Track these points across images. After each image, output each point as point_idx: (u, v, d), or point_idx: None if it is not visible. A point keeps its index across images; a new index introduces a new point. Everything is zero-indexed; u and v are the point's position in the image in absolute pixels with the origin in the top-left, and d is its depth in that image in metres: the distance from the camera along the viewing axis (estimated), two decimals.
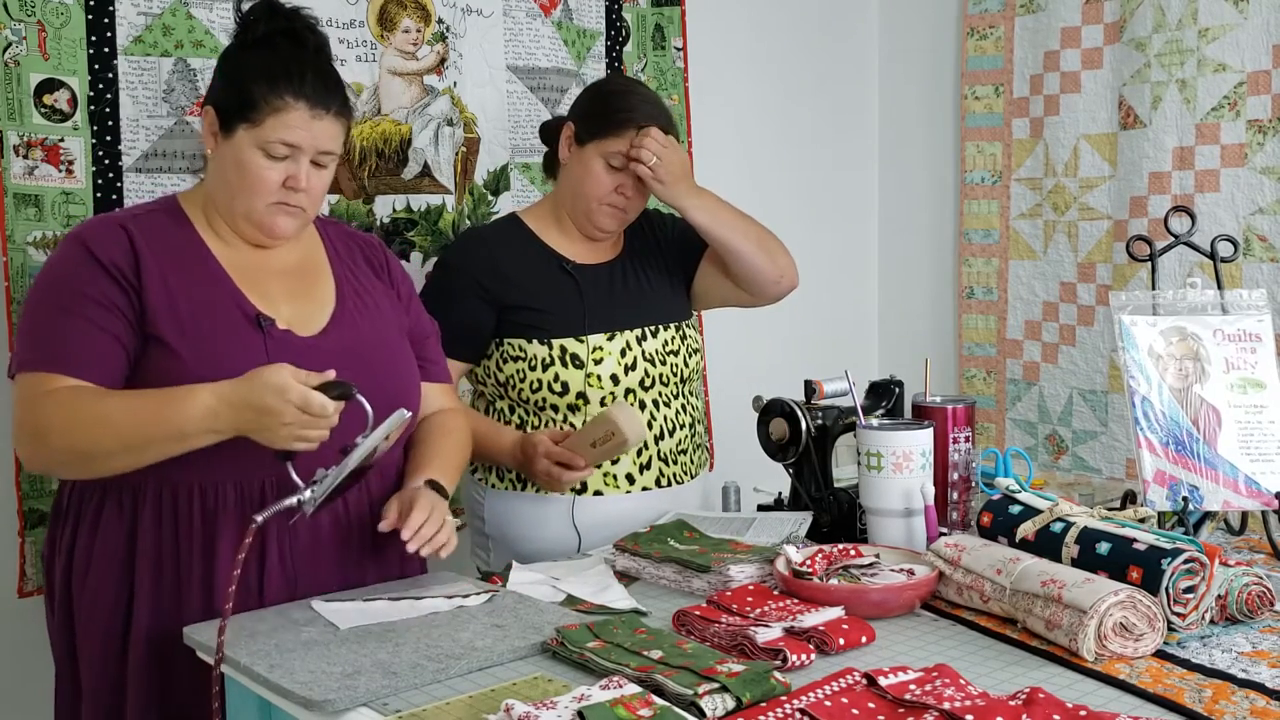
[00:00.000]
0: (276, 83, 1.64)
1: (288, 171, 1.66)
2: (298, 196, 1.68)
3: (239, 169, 1.66)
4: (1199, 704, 1.22)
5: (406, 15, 2.57)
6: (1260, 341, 1.80)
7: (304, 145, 1.65)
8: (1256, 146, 2.75)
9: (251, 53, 1.68)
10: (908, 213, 3.53)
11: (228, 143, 1.67)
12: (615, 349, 2.11)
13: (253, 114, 1.64)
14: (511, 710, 1.18)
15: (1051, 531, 1.55)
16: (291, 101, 1.64)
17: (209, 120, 1.69)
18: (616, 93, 2.19)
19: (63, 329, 1.59)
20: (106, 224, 1.67)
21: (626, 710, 1.17)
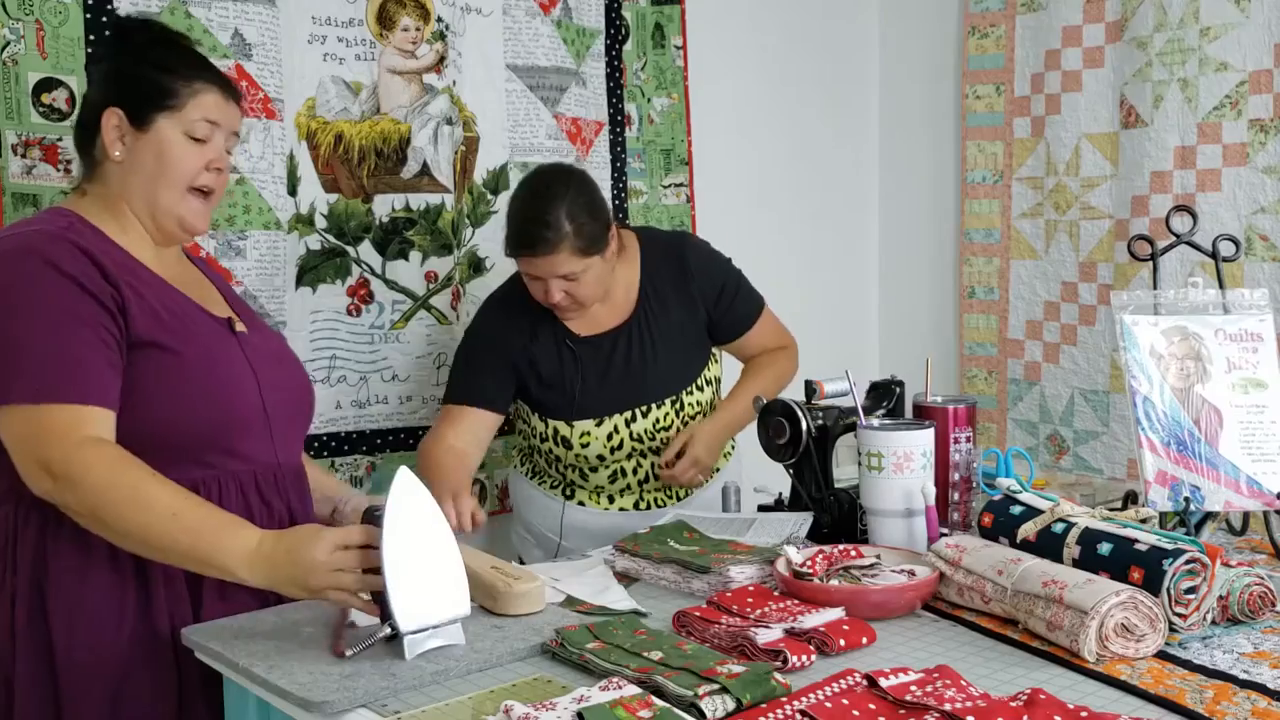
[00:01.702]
0: (189, 71, 1.69)
1: (210, 154, 1.69)
2: (218, 179, 1.71)
3: (161, 157, 1.67)
4: (1200, 705, 1.21)
5: (406, 14, 2.57)
6: (1262, 341, 1.80)
7: (223, 124, 1.70)
8: (1258, 146, 2.75)
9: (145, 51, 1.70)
10: (908, 213, 3.52)
11: (146, 137, 1.66)
12: (602, 434, 2.22)
13: (172, 100, 1.66)
14: (511, 711, 1.18)
15: (1053, 532, 1.54)
16: (206, 85, 1.69)
17: (115, 121, 1.66)
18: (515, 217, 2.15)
19: (66, 354, 1.52)
20: (61, 243, 1.57)
21: (626, 711, 1.17)
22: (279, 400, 1.73)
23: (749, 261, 3.26)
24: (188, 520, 1.47)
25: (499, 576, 1.53)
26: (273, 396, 1.71)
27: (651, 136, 3.01)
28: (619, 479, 2.28)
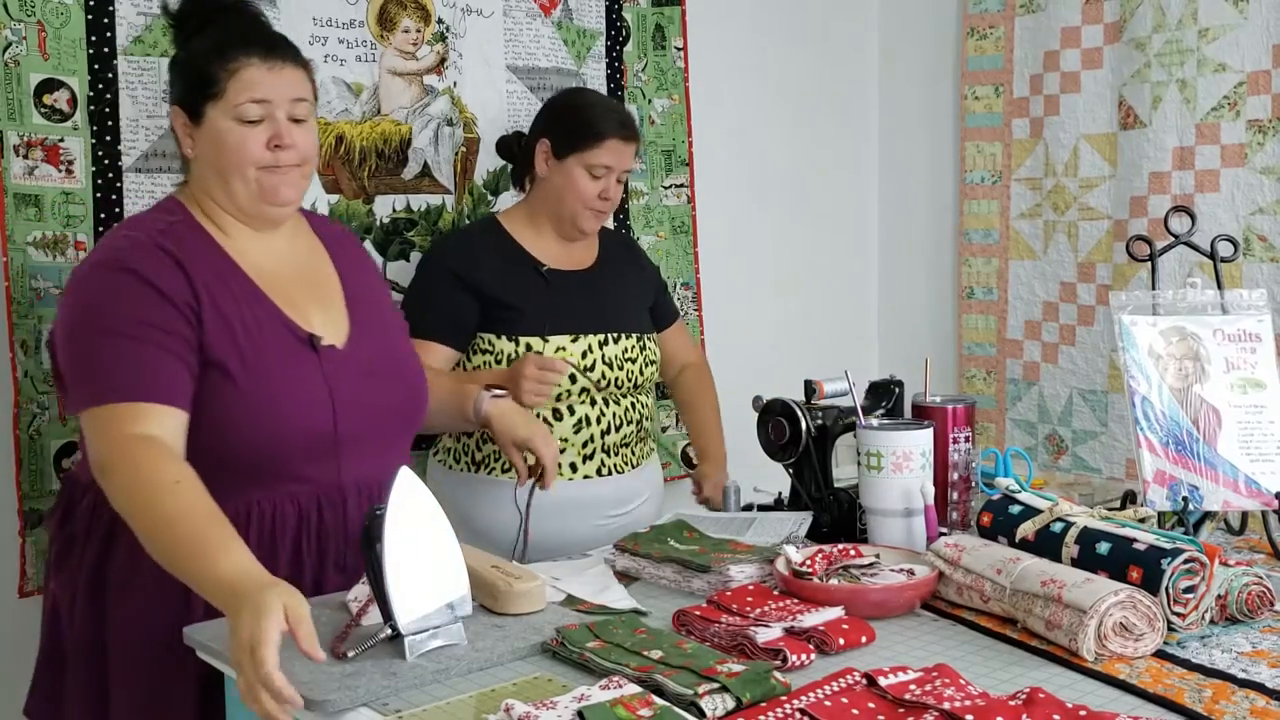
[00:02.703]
0: (224, 50, 1.63)
1: (268, 133, 1.64)
2: (286, 155, 1.65)
3: (220, 147, 1.64)
4: (1199, 704, 1.22)
5: (406, 15, 2.57)
6: (1260, 341, 1.80)
7: (272, 98, 1.63)
8: (1256, 146, 2.75)
9: (194, 39, 1.67)
10: (908, 213, 3.53)
11: (202, 130, 1.65)
12: (577, 350, 2.24)
13: (213, 88, 1.62)
14: (511, 710, 1.18)
15: (1051, 531, 1.54)
16: (245, 60, 1.62)
17: (179, 121, 1.67)
18: (587, 106, 2.32)
19: (133, 356, 1.53)
20: (145, 249, 1.60)
21: (626, 710, 1.17)
22: (360, 418, 1.67)
23: (749, 261, 3.28)
24: (182, 530, 1.40)
25: (499, 576, 1.54)
26: (353, 415, 1.65)
27: (652, 137, 3.02)
28: (584, 428, 2.24)
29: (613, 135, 2.25)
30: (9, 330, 2.15)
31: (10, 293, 2.15)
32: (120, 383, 1.52)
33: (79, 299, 1.60)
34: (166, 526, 1.41)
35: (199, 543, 1.38)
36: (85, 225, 2.22)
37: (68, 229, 2.20)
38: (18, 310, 2.16)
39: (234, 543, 1.38)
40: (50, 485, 2.20)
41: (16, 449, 2.17)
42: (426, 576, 1.39)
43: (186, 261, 1.60)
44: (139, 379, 1.52)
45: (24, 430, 2.17)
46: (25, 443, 2.18)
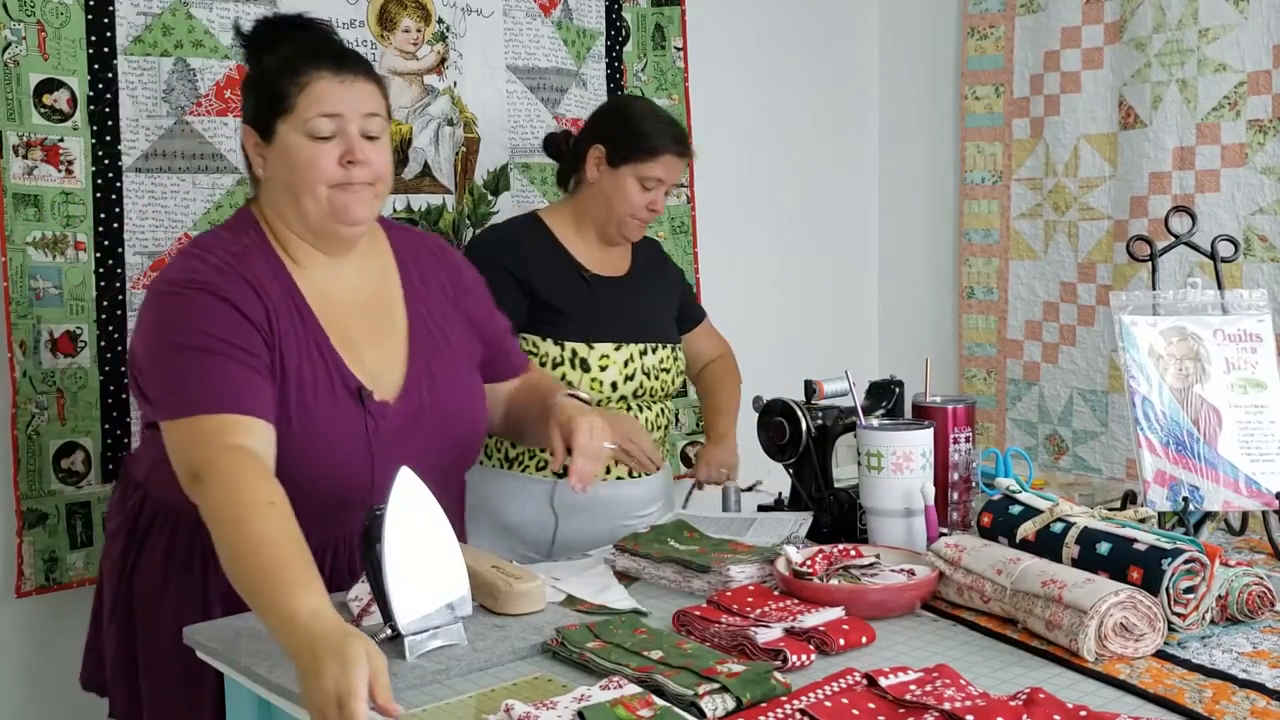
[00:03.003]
0: (295, 65, 1.58)
1: (340, 148, 1.58)
2: (359, 172, 1.59)
3: (291, 164, 1.58)
4: (1199, 704, 1.21)
5: (407, 15, 2.57)
6: (1260, 341, 1.80)
7: (344, 111, 1.58)
8: (1257, 146, 2.75)
9: (265, 58, 1.64)
10: (908, 213, 3.53)
11: (273, 147, 1.60)
12: (620, 359, 2.26)
13: (284, 103, 1.57)
14: (511, 710, 1.18)
15: (1052, 532, 1.54)
16: (315, 74, 1.58)
17: (250, 140, 1.63)
18: (644, 117, 2.32)
19: (222, 371, 1.51)
20: (231, 278, 1.57)
21: (626, 710, 1.17)
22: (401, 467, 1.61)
23: (748, 261, 3.28)
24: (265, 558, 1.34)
25: (500, 576, 1.54)
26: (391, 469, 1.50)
27: None
28: None
29: (668, 150, 2.27)
30: (8, 330, 2.15)
31: (9, 293, 2.15)
32: (212, 396, 1.49)
33: (163, 317, 1.57)
34: (251, 550, 1.35)
35: (279, 573, 1.32)
36: (85, 225, 2.21)
37: (67, 229, 2.20)
38: (16, 310, 2.15)
39: (314, 581, 1.31)
40: (49, 485, 2.20)
41: (15, 449, 2.17)
42: (426, 576, 1.39)
43: (262, 290, 1.58)
44: (231, 392, 1.50)
45: (22, 430, 2.17)
46: (23, 443, 2.18)
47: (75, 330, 2.22)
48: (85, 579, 2.25)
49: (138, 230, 2.27)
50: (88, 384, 2.23)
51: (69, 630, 2.29)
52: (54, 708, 2.30)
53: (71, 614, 2.29)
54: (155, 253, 2.28)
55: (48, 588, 2.22)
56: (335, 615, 1.26)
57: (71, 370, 2.22)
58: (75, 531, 2.23)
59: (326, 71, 1.58)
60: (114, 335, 2.25)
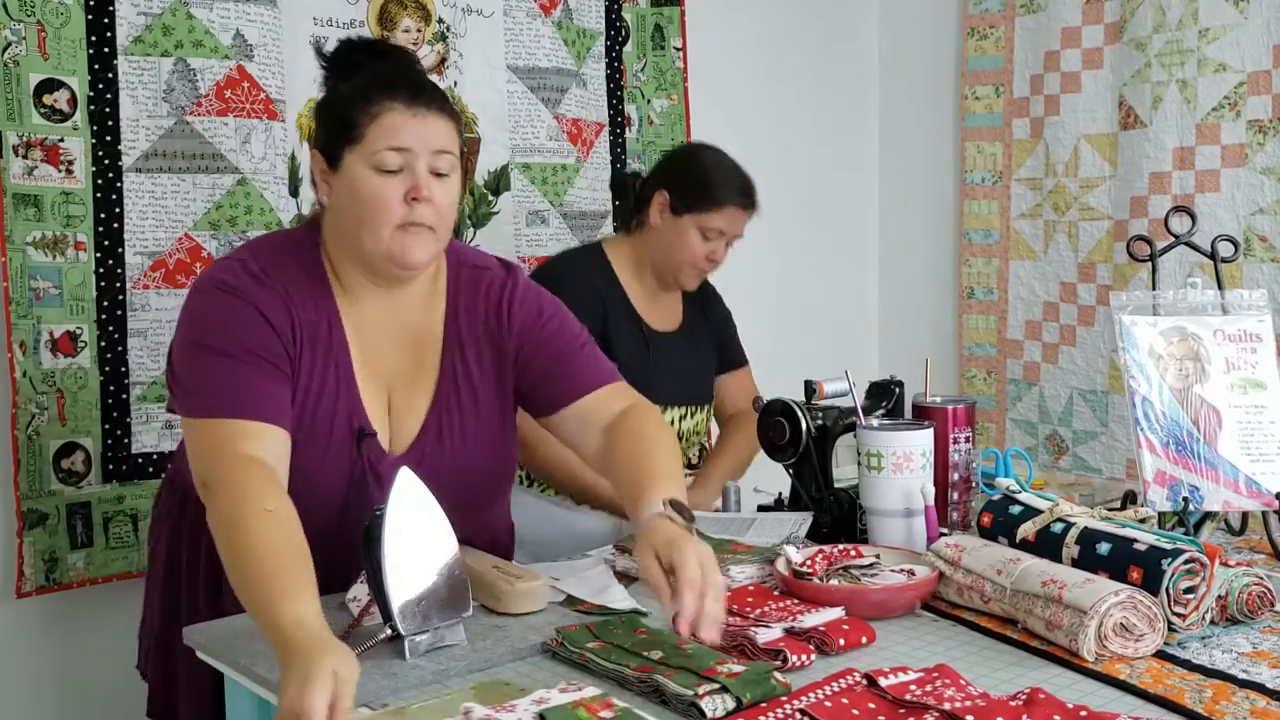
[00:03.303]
0: (368, 94, 1.53)
1: (406, 184, 1.52)
2: (423, 212, 1.53)
3: (355, 196, 1.53)
4: (1199, 704, 1.21)
5: (407, 15, 2.57)
6: (1260, 342, 1.80)
7: (414, 146, 1.52)
8: (1257, 146, 2.75)
9: (341, 85, 1.59)
10: (908, 213, 3.53)
11: (339, 176, 1.55)
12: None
13: (353, 132, 1.52)
14: (470, 714, 1.18)
15: (1052, 532, 1.54)
16: (387, 104, 1.52)
17: (317, 165, 1.59)
18: (711, 168, 2.31)
19: (243, 376, 1.51)
20: (270, 291, 1.56)
21: (587, 712, 1.17)
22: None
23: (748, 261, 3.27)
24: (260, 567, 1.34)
25: (501, 576, 1.54)
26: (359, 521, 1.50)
27: (652, 137, 3.02)
28: None
29: (733, 202, 2.26)
30: (8, 330, 2.15)
31: (9, 293, 2.15)
32: (230, 401, 1.50)
33: (194, 317, 1.57)
34: (246, 557, 1.36)
35: (270, 581, 1.32)
36: (85, 225, 2.21)
37: (67, 229, 2.20)
38: (16, 310, 2.16)
39: (303, 590, 1.30)
40: (49, 485, 2.20)
41: (15, 449, 2.17)
42: (426, 576, 1.39)
43: (295, 306, 1.57)
44: (248, 398, 1.50)
45: (22, 430, 2.17)
46: (24, 443, 2.18)
47: (75, 330, 2.22)
48: (85, 579, 2.25)
49: (138, 230, 2.27)
50: (88, 384, 2.23)
51: (69, 631, 2.30)
52: (55, 708, 2.30)
53: (72, 614, 2.29)
54: (155, 253, 2.28)
55: (48, 588, 2.22)
56: (317, 626, 1.26)
57: (71, 370, 2.22)
58: (75, 532, 2.23)
59: (399, 103, 1.53)
60: (114, 335, 2.25)
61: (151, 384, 2.28)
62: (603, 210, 2.92)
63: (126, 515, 2.28)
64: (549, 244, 2.82)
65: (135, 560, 2.28)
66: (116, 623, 2.29)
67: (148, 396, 2.28)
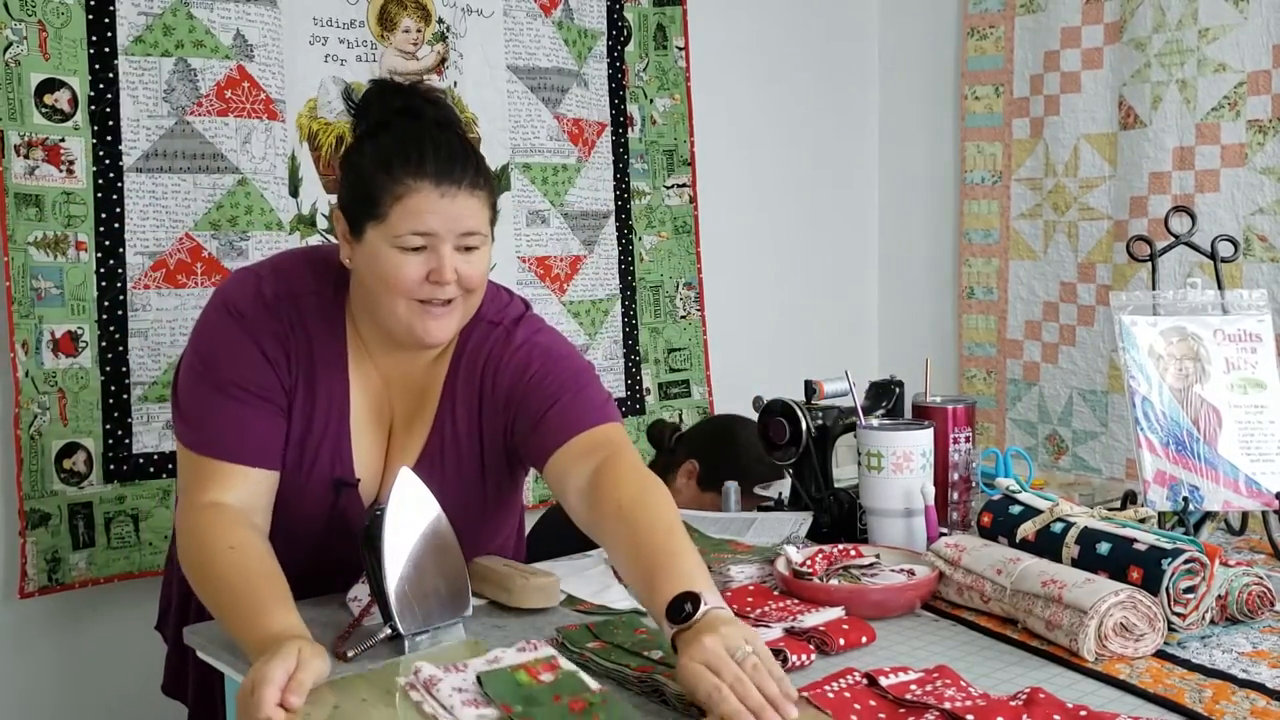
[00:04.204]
0: (392, 168, 1.45)
1: (428, 265, 1.46)
2: (444, 290, 1.48)
3: (375, 272, 1.48)
4: (1199, 704, 1.22)
5: (407, 15, 2.57)
6: (1260, 341, 1.80)
7: (439, 230, 1.45)
8: (1257, 146, 2.75)
9: (368, 143, 1.51)
10: (908, 213, 3.53)
11: (360, 246, 1.49)
12: None
13: (376, 209, 1.46)
14: (419, 673, 1.22)
15: (1052, 532, 1.54)
16: (413, 184, 1.44)
17: (340, 226, 1.53)
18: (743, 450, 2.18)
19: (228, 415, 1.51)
20: (277, 321, 1.54)
21: (528, 675, 1.20)
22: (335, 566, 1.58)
23: (750, 261, 3.28)
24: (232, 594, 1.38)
25: (514, 571, 1.54)
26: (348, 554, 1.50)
27: (654, 137, 3.02)
28: None
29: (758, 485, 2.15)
30: (10, 330, 2.15)
31: (11, 293, 2.15)
32: (211, 439, 1.51)
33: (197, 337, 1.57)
34: (218, 590, 1.39)
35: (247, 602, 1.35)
36: (86, 225, 2.22)
37: (68, 229, 2.20)
38: (18, 310, 2.16)
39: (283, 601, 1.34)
40: (51, 485, 2.20)
41: (17, 449, 2.17)
42: (426, 576, 1.39)
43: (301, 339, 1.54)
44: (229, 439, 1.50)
45: (25, 430, 2.17)
46: (26, 443, 2.18)
47: (76, 330, 2.22)
48: (87, 579, 2.25)
49: (138, 230, 2.27)
50: (89, 384, 2.24)
51: (72, 631, 2.30)
52: (57, 708, 2.31)
53: (74, 615, 2.29)
54: (156, 253, 2.28)
55: (50, 588, 2.22)
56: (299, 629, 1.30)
57: (73, 370, 2.22)
58: (77, 532, 2.23)
59: (426, 182, 1.45)
60: (115, 335, 2.25)
61: (152, 384, 2.28)
62: (604, 210, 2.92)
63: (128, 515, 2.28)
64: (549, 244, 2.82)
65: (137, 560, 2.29)
66: (119, 623, 2.29)
67: (149, 396, 2.28)
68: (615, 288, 2.95)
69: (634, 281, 2.99)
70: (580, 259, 2.87)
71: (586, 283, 2.89)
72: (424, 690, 1.21)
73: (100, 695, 2.33)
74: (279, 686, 1.18)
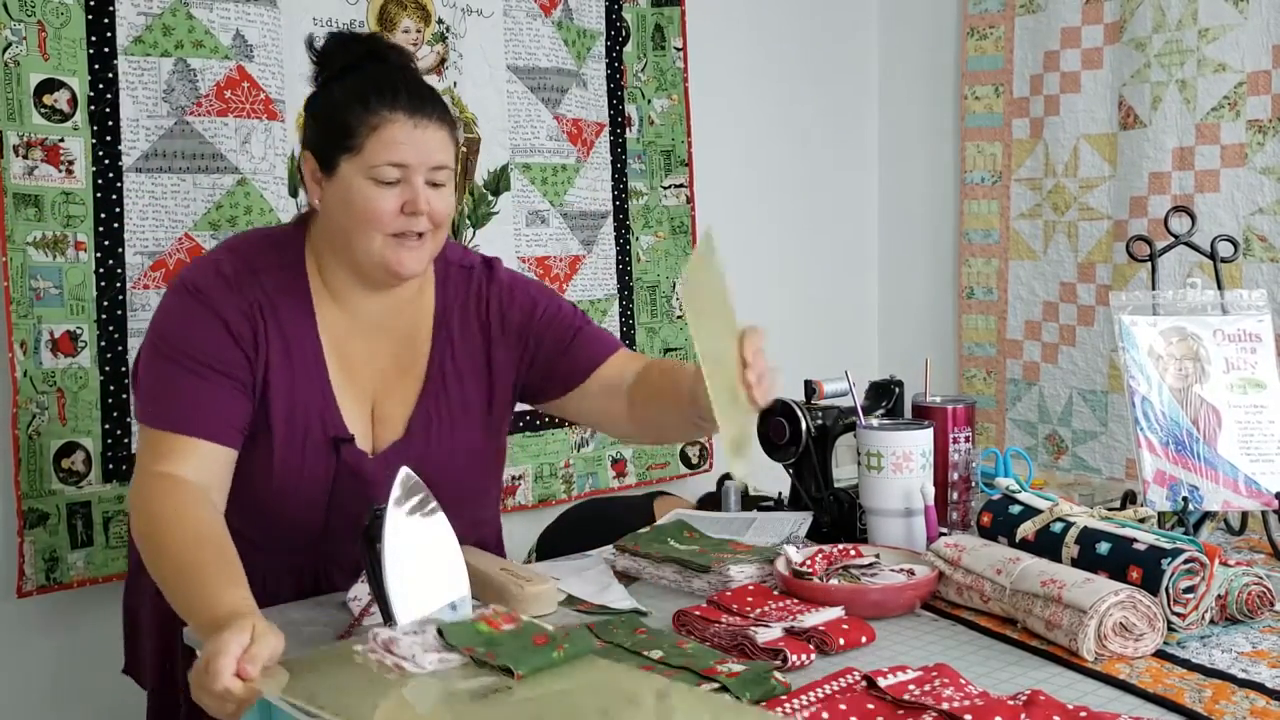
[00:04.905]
0: (368, 101, 1.50)
1: (403, 197, 1.52)
2: (418, 222, 1.53)
3: (349, 206, 1.52)
4: (1199, 704, 1.22)
5: (406, 15, 2.57)
6: (1260, 341, 1.80)
7: (412, 161, 1.51)
8: (1256, 146, 2.75)
9: (335, 85, 1.55)
10: (908, 213, 3.53)
11: (333, 182, 1.53)
12: None
13: (351, 141, 1.50)
14: (376, 637, 1.24)
15: (1051, 531, 1.54)
16: (388, 115, 1.50)
17: (309, 167, 1.56)
18: None
19: (185, 389, 1.50)
20: (239, 296, 1.55)
21: (489, 626, 1.22)
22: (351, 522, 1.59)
23: (748, 261, 3.28)
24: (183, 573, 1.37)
25: (511, 579, 1.53)
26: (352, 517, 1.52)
27: (652, 137, 3.02)
28: None
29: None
30: (8, 330, 2.15)
31: (10, 293, 2.15)
32: (167, 412, 1.50)
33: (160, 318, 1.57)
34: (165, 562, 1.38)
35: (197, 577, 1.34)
36: (85, 225, 2.22)
37: (68, 229, 2.20)
38: (17, 310, 2.16)
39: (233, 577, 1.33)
40: (49, 485, 2.20)
41: (15, 449, 2.17)
42: (427, 576, 1.39)
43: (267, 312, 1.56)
44: (186, 412, 1.50)
45: (23, 430, 2.17)
46: (24, 442, 2.18)
47: (75, 330, 2.22)
48: (86, 579, 2.25)
49: (138, 230, 2.27)
50: (88, 384, 2.23)
51: (70, 630, 2.30)
52: (55, 708, 2.31)
53: (72, 614, 2.29)
54: (155, 253, 2.28)
55: (49, 587, 2.22)
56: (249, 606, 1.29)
57: (72, 370, 2.22)
58: (76, 531, 2.23)
59: (400, 114, 1.50)
60: (114, 335, 2.25)
61: None
62: (603, 210, 2.93)
63: (126, 515, 2.28)
64: (549, 244, 2.82)
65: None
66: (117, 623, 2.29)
67: None
68: (613, 288, 2.95)
69: (631, 281, 2.99)
70: (579, 259, 2.88)
71: (585, 283, 2.89)
72: (383, 649, 1.23)
73: (98, 694, 2.32)
74: (234, 658, 1.18)
